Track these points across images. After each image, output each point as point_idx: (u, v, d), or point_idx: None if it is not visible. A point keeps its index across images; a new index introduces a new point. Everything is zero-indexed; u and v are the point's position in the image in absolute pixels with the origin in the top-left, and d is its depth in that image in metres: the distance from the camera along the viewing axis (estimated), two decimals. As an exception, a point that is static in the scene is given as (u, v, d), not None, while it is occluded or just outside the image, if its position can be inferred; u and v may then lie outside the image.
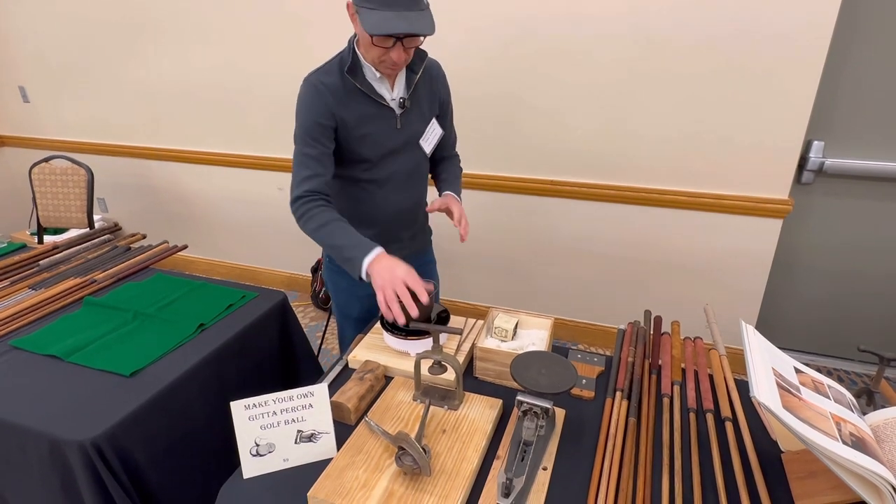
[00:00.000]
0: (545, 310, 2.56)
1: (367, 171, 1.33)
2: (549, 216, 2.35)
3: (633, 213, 2.23)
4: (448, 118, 1.46)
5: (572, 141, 2.20)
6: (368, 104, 1.27)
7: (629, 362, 1.18)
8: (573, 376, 0.97)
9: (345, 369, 1.24)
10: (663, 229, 2.21)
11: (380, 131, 1.30)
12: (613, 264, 2.36)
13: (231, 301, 1.59)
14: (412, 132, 1.35)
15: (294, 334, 1.67)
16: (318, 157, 1.24)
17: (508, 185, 2.35)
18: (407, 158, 1.37)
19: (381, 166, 1.33)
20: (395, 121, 1.31)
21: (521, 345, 1.21)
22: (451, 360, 1.06)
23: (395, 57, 1.17)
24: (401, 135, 1.33)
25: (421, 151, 1.38)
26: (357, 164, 1.32)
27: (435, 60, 1.40)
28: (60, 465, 1.15)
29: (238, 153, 2.81)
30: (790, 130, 1.93)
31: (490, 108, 2.27)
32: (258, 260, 3.13)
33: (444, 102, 1.42)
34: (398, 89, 1.31)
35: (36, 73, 3.06)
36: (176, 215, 3.18)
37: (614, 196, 2.22)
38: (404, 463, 0.91)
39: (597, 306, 2.49)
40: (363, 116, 1.27)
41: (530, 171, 2.31)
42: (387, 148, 1.32)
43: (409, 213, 1.45)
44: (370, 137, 1.29)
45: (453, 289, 2.70)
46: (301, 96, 1.25)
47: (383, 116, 1.29)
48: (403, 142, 1.34)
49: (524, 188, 2.34)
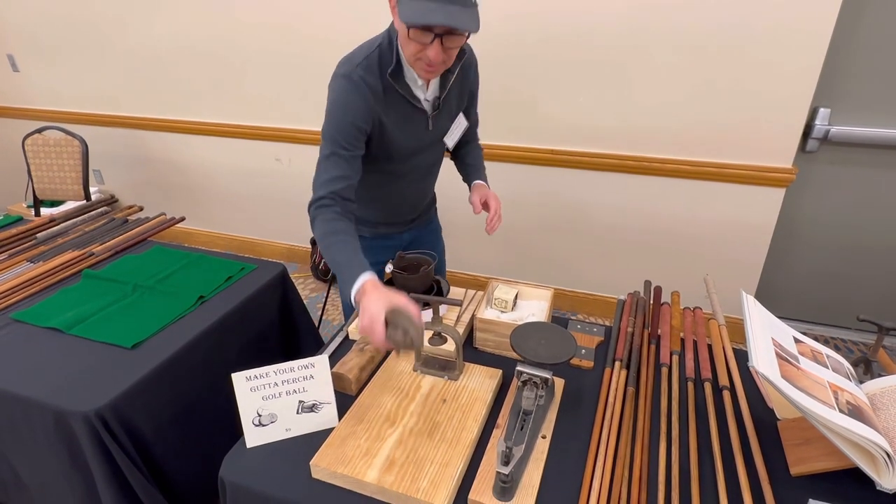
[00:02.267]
0: (545, 280, 2.55)
1: (389, 165, 1.29)
2: (550, 186, 2.34)
3: (633, 183, 2.21)
4: (474, 106, 1.40)
5: (573, 110, 2.17)
6: (405, 107, 1.20)
7: (628, 332, 1.19)
8: (572, 346, 0.98)
9: (345, 341, 1.25)
10: (664, 199, 2.19)
11: (411, 133, 1.25)
12: (614, 234, 2.35)
13: (230, 273, 1.59)
14: (441, 131, 1.32)
15: (294, 306, 1.68)
16: (348, 159, 1.15)
17: (507, 155, 2.33)
18: (430, 154, 1.34)
19: (405, 161, 1.30)
20: (426, 122, 1.25)
21: (521, 315, 1.22)
22: (451, 330, 1.06)
23: (432, 55, 1.05)
24: (431, 135, 1.29)
25: (443, 146, 1.35)
26: (381, 160, 1.27)
27: (468, 47, 1.29)
28: (66, 435, 1.16)
29: (236, 123, 2.76)
30: (796, 97, 1.89)
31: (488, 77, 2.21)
32: (257, 232, 3.11)
33: (472, 93, 1.36)
34: (433, 88, 1.24)
35: (25, 42, 2.99)
36: (173, 187, 3.15)
37: (614, 165, 2.20)
38: (394, 338, 0.87)
39: (596, 277, 2.48)
40: (397, 118, 1.20)
41: (530, 140, 2.28)
42: (415, 147, 1.28)
43: (421, 198, 1.44)
44: (401, 138, 1.24)
45: (453, 260, 2.69)
46: (338, 92, 1.14)
47: (417, 119, 1.24)
48: (431, 140, 1.30)
49: (524, 158, 2.31)
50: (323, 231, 1.11)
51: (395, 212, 1.41)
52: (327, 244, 1.09)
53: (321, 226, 1.11)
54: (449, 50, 1.08)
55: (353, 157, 1.17)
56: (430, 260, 1.28)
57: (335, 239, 1.08)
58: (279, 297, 1.64)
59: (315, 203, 1.14)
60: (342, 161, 1.15)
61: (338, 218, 1.11)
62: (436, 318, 1.09)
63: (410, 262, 1.31)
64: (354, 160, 1.17)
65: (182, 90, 2.82)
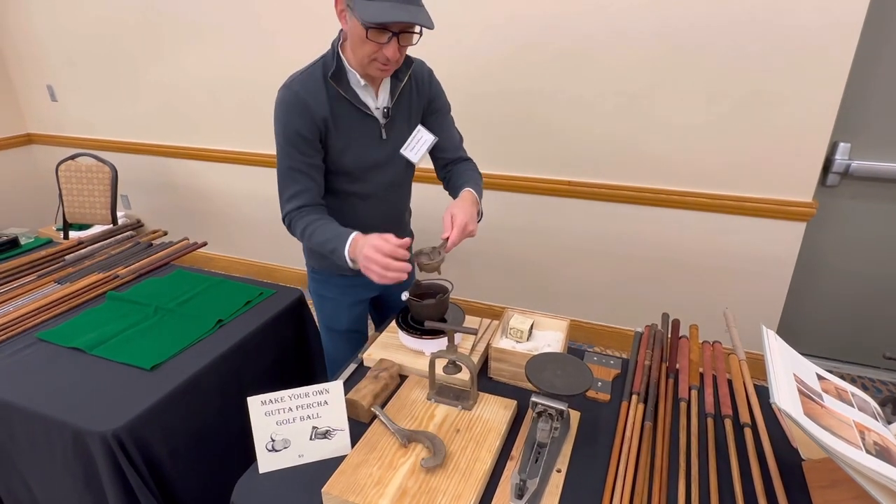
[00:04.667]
0: (561, 311, 2.52)
1: (350, 184, 1.28)
2: (566, 217, 2.33)
3: (651, 215, 2.19)
4: (442, 116, 1.36)
5: (589, 141, 2.17)
6: (352, 113, 1.20)
7: (646, 365, 1.17)
8: (589, 378, 0.97)
9: (360, 367, 1.24)
10: (683, 232, 2.17)
11: (363, 142, 1.23)
12: (631, 267, 2.32)
13: (249, 298, 1.60)
14: (397, 143, 1.29)
15: (310, 331, 1.68)
16: (304, 169, 1.19)
17: (524, 186, 2.32)
18: (391, 170, 1.31)
19: (365, 179, 1.28)
20: (379, 131, 1.24)
21: (537, 346, 1.21)
22: (465, 359, 1.06)
23: (389, 53, 1.09)
24: (385, 146, 1.27)
25: (404, 161, 1.31)
26: (339, 176, 1.26)
27: (420, 60, 1.31)
28: (83, 454, 1.16)
29: (257, 151, 2.82)
30: (815, 131, 1.87)
31: (505, 106, 2.24)
32: (275, 257, 3.14)
33: (431, 101, 1.33)
34: (382, 97, 1.24)
35: (63, 73, 3.13)
36: (196, 212, 3.20)
37: (632, 197, 2.18)
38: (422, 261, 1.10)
39: (614, 309, 2.45)
40: (346, 126, 1.20)
41: (546, 171, 2.29)
42: (371, 160, 1.26)
43: (391, 225, 1.39)
44: (353, 148, 1.23)
45: (468, 288, 2.68)
46: (279, 105, 1.17)
47: (367, 126, 1.23)
48: (388, 153, 1.28)
49: (540, 188, 2.31)
50: (301, 227, 1.20)
51: None
52: (308, 235, 1.19)
53: (297, 226, 1.21)
54: (403, 48, 1.12)
55: (310, 166, 1.19)
56: (446, 288, 1.28)
57: (314, 227, 1.18)
58: (296, 322, 1.64)
59: (285, 218, 1.24)
60: (299, 174, 1.19)
61: (310, 213, 1.20)
62: (451, 347, 1.10)
63: (426, 289, 1.31)
64: (312, 168, 1.20)
65: (207, 119, 2.88)
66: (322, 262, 1.40)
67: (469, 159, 1.44)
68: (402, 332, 1.26)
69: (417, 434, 1.00)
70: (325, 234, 1.17)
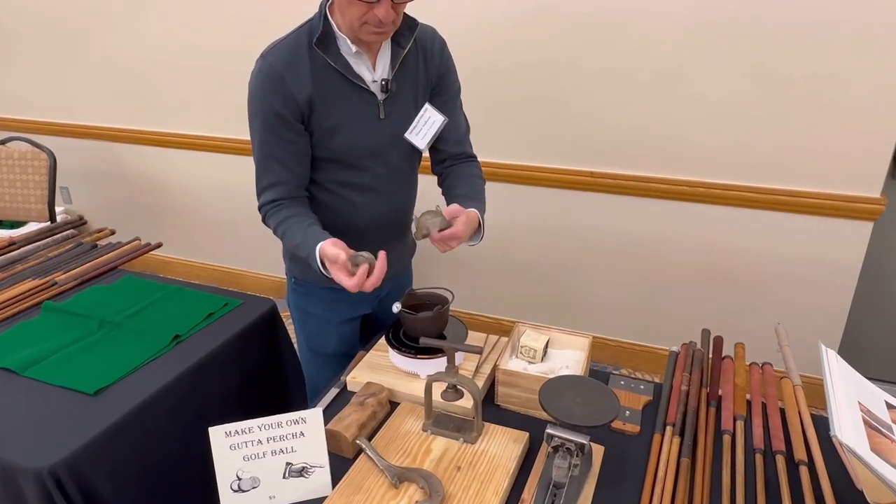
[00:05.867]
0: (582, 326, 2.44)
1: (342, 174, 1.27)
2: (588, 214, 2.32)
3: (690, 212, 2.19)
4: (451, 100, 1.35)
5: (616, 125, 2.16)
6: (343, 87, 1.18)
7: (683, 391, 1.17)
8: (614, 406, 0.97)
9: (343, 392, 1.25)
10: (726, 232, 2.17)
11: (358, 122, 1.22)
12: (666, 273, 2.32)
13: (211, 309, 1.60)
14: (399, 125, 1.28)
15: (284, 349, 1.68)
16: (282, 157, 1.20)
17: (537, 177, 2.32)
18: (393, 157, 1.29)
19: (360, 167, 1.26)
20: (376, 109, 1.23)
21: (553, 367, 1.21)
22: (468, 384, 1.06)
23: (381, 15, 1.06)
24: (385, 127, 1.25)
25: (408, 147, 1.31)
26: (329, 164, 1.26)
27: (430, 27, 1.31)
28: (12, 495, 1.15)
29: (224, 136, 2.80)
30: (885, 115, 1.88)
31: (514, 84, 2.24)
32: (244, 262, 3.14)
33: (441, 77, 1.32)
34: (381, 68, 1.22)
35: (-7, 42, 3.17)
36: (149, 208, 3.19)
37: (668, 191, 2.18)
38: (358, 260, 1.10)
39: (645, 323, 2.45)
40: (336, 103, 1.19)
41: (564, 160, 2.28)
42: (367, 144, 1.24)
43: (392, 225, 1.39)
44: (345, 130, 1.21)
45: (472, 299, 2.67)
46: (254, 79, 1.17)
47: (362, 103, 1.21)
48: (389, 136, 1.27)
49: (556, 180, 2.30)
50: (275, 226, 1.25)
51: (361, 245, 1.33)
52: (282, 234, 1.23)
53: (272, 220, 1.25)
54: (398, 6, 1.10)
55: (290, 153, 1.20)
56: (445, 298, 1.28)
57: (286, 226, 1.22)
58: (267, 338, 1.64)
59: (261, 210, 1.27)
60: (275, 163, 1.21)
61: (287, 207, 1.23)
62: (450, 369, 1.08)
63: (422, 300, 1.31)
64: (293, 156, 1.21)
65: (164, 97, 2.86)
66: (306, 272, 1.38)
67: (474, 158, 1.43)
68: (392, 351, 1.25)
69: (411, 472, 0.99)
70: (296, 238, 1.20)
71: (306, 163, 1.24)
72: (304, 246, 1.17)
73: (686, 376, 1.21)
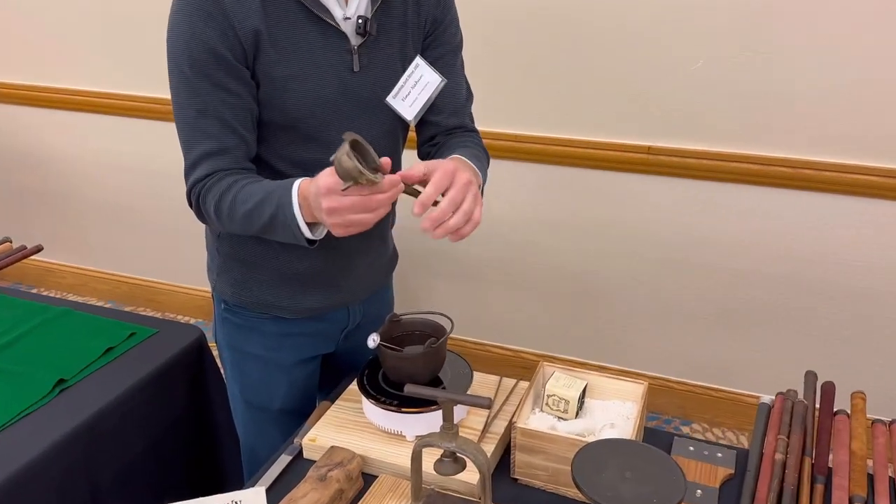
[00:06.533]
0: (633, 364, 2.44)
1: (296, 148, 1.23)
2: (643, 206, 2.24)
3: (781, 202, 2.10)
4: (450, 55, 1.32)
5: (680, 83, 2.07)
6: (302, 21, 1.16)
7: (778, 461, 1.14)
8: (680, 483, 0.94)
9: (296, 461, 1.22)
10: (837, 229, 2.07)
11: (321, 74, 1.18)
12: (751, 288, 2.22)
13: (111, 342, 1.55)
14: (380, 81, 1.24)
15: (214, 399, 1.63)
16: (222, 115, 1.16)
17: (569, 154, 2.23)
18: (370, 126, 1.25)
19: (323, 141, 1.22)
20: (349, 57, 1.20)
21: (592, 426, 1.19)
22: (472, 450, 1.02)
23: None
24: (359, 84, 1.22)
25: (391, 116, 1.28)
26: (278, 134, 1.22)
27: None
28: None
29: (128, 92, 2.70)
30: None
31: (538, 33, 2.17)
32: (160, 270, 3.05)
33: (438, 23, 1.29)
34: (356, 1, 1.19)
35: None
36: (22, 195, 3.09)
37: (751, 172, 2.09)
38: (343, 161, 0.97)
39: (724, 359, 2.35)
40: (292, 42, 1.16)
41: (608, 131, 2.19)
42: (333, 107, 1.21)
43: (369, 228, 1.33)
44: (302, 84, 1.18)
45: (480, 325, 2.59)
46: (179, 8, 1.13)
47: (328, 48, 1.18)
48: (364, 98, 1.23)
49: (597, 159, 2.21)
50: (216, 199, 1.17)
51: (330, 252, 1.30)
52: (229, 203, 1.16)
53: (211, 202, 1.17)
54: None
55: (234, 108, 1.16)
56: (441, 327, 1.25)
57: (237, 189, 1.15)
58: (190, 384, 1.59)
59: (191, 194, 1.21)
60: (214, 123, 1.16)
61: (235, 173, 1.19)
62: (448, 428, 1.02)
63: (409, 329, 1.29)
64: (237, 112, 1.17)
65: (39, 37, 2.74)
66: (243, 292, 1.35)
67: (474, 132, 1.40)
68: (367, 402, 1.23)
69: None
70: (256, 193, 1.14)
71: (254, 123, 1.21)
72: (270, 198, 1.12)
73: (783, 440, 1.17)
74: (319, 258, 1.29)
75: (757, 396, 1.58)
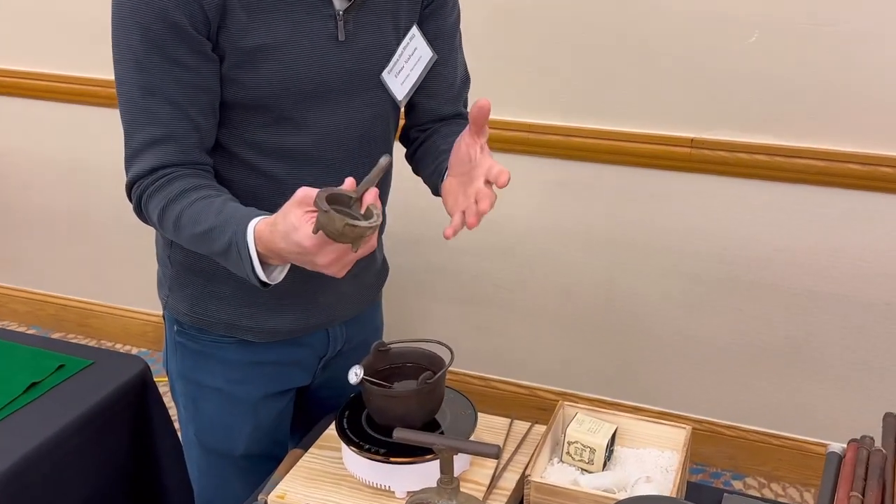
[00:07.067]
0: (673, 405, 2.44)
1: (268, 132, 1.24)
2: (681, 210, 2.26)
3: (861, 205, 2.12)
4: (447, 31, 1.34)
5: (735, 62, 2.10)
6: None
7: (851, 522, 1.06)
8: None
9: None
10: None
11: (300, 43, 1.19)
12: (821, 312, 2.23)
13: (36, 377, 1.58)
14: (370, 54, 1.25)
15: (161, 439, 1.64)
16: (172, 95, 1.16)
17: (592, 147, 2.27)
18: (356, 106, 1.27)
19: (300, 124, 1.24)
20: (332, 24, 1.21)
21: (623, 479, 1.20)
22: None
23: None
24: (345, 56, 1.23)
25: (383, 96, 1.29)
26: (246, 116, 1.23)
27: None
28: None
29: (64, 73, 2.74)
30: None
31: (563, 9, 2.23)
32: (97, 291, 3.08)
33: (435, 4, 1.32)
34: None
35: None
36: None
37: (824, 172, 2.11)
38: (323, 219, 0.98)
39: (784, 400, 2.36)
40: (266, 7, 1.16)
41: (639, 119, 2.23)
42: (313, 82, 1.22)
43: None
44: (278, 54, 1.18)
45: (486, 355, 2.58)
46: None
47: (309, 13, 1.19)
48: (351, 72, 1.24)
49: (627, 152, 2.26)
50: (162, 205, 1.19)
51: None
52: (174, 220, 1.18)
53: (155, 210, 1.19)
54: None
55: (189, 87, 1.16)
56: (439, 358, 1.26)
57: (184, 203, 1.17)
58: (132, 421, 1.60)
59: (132, 190, 1.22)
60: (163, 105, 1.16)
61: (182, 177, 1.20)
62: (447, 482, 1.05)
63: (400, 361, 1.31)
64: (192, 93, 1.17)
65: None
66: (200, 310, 1.35)
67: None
68: (348, 450, 1.24)
69: None
70: (206, 219, 1.14)
71: (213, 107, 1.21)
72: (222, 228, 1.12)
73: (856, 497, 1.15)
74: (294, 269, 1.22)
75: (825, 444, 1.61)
